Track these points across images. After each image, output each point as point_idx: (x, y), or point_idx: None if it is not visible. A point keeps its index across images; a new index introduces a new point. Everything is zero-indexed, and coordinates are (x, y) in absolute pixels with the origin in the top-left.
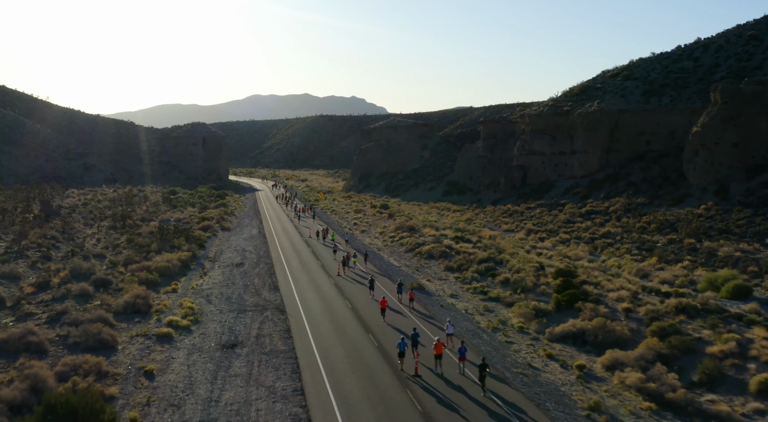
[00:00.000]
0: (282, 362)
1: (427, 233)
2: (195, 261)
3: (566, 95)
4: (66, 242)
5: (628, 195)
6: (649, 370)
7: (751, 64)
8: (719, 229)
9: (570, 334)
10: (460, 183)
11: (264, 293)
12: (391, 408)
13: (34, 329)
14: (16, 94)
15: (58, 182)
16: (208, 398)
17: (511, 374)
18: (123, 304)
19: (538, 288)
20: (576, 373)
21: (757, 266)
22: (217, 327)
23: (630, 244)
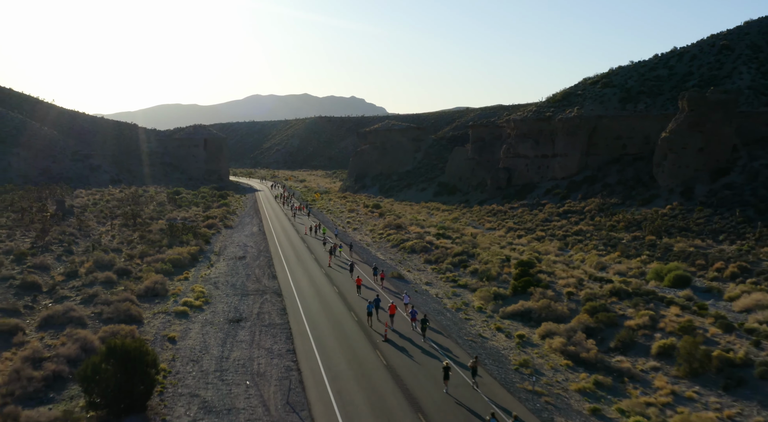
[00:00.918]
0: (278, 331)
1: (412, 230)
2: (202, 254)
3: (549, 101)
4: (83, 238)
5: (602, 196)
6: (572, 338)
7: (721, 73)
8: (680, 227)
9: (519, 313)
10: (450, 184)
11: (264, 281)
12: (358, 356)
13: (74, 307)
14: (23, 96)
15: (66, 183)
16: (219, 356)
17: (462, 341)
18: (144, 289)
19: (501, 276)
20: (516, 341)
21: (705, 260)
22: (224, 307)
23: (598, 241)
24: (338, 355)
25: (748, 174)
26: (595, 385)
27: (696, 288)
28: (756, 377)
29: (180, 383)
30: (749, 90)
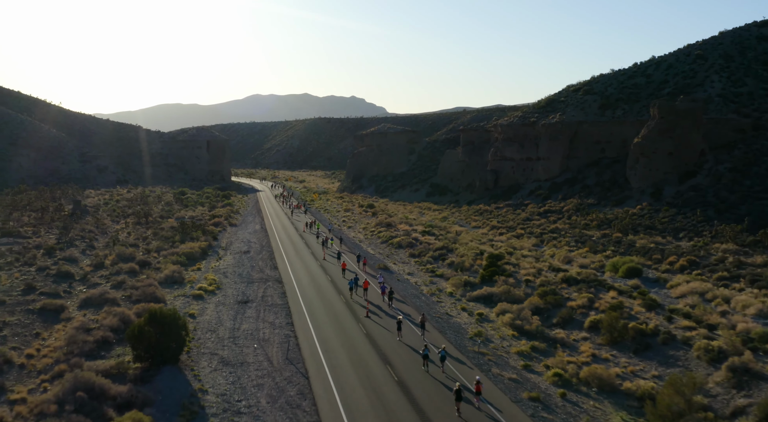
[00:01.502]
0: (279, 310)
1: (401, 228)
2: (211, 249)
3: (534, 107)
4: (101, 235)
5: (580, 196)
6: (520, 314)
7: (694, 81)
8: (646, 225)
9: (483, 296)
10: (442, 185)
11: (266, 271)
12: (344, 327)
13: (107, 291)
14: (31, 99)
15: (75, 183)
16: (232, 327)
17: (431, 317)
18: (164, 277)
19: (473, 267)
20: (476, 318)
21: (661, 254)
22: (233, 291)
23: (570, 238)
24: (327, 326)
25: (713, 177)
26: (531, 349)
27: (646, 279)
28: (659, 343)
29: (202, 346)
30: (719, 97)
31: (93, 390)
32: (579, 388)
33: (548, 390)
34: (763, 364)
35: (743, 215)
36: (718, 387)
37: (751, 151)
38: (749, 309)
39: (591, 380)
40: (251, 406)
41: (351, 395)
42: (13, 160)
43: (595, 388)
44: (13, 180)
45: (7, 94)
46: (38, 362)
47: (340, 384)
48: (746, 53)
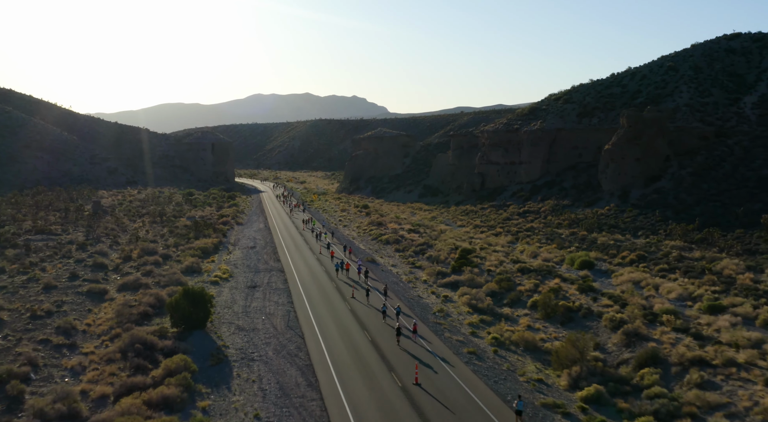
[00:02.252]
0: (281, 292)
1: (390, 227)
2: (221, 245)
3: (518, 115)
4: (122, 233)
5: (557, 198)
6: (476, 296)
7: (665, 92)
8: (610, 225)
9: (450, 283)
10: (434, 186)
11: (270, 263)
12: (333, 305)
13: (140, 277)
14: (42, 102)
15: (87, 184)
16: (244, 305)
17: (405, 299)
18: (185, 267)
19: (447, 260)
20: (441, 299)
21: (617, 250)
22: (243, 279)
23: (542, 236)
24: (320, 304)
25: (676, 180)
26: (480, 321)
27: (598, 270)
28: (580, 316)
29: (221, 318)
30: (686, 107)
31: (145, 343)
32: (509, 348)
33: (485, 348)
34: (649, 330)
35: (697, 216)
36: (613, 346)
37: (711, 157)
38: (671, 293)
39: (519, 342)
40: (261, 356)
41: (333, 346)
42: (28, 161)
43: (521, 348)
44: (29, 181)
45: (20, 98)
46: (96, 328)
47: (326, 340)
48: (714, 65)
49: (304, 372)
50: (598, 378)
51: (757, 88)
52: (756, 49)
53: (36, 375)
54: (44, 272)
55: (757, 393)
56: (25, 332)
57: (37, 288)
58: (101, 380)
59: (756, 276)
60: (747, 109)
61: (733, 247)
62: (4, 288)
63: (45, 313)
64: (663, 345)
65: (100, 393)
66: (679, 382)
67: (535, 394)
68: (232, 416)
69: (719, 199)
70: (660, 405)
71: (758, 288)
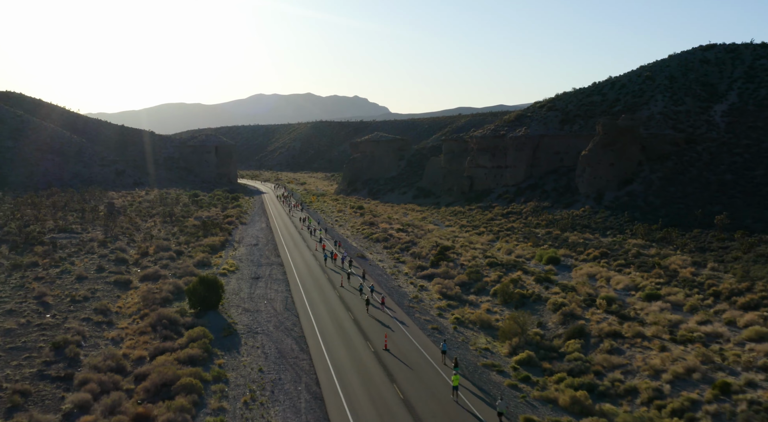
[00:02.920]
0: (281, 282)
1: (381, 226)
2: (228, 242)
3: (505, 121)
4: (136, 231)
5: (538, 199)
6: (446, 285)
7: (641, 100)
8: (583, 225)
9: (428, 275)
10: (427, 188)
11: (271, 258)
12: (324, 291)
13: (158, 269)
14: (52, 106)
15: (97, 186)
16: (249, 292)
17: (385, 288)
18: (196, 261)
19: (427, 255)
20: (418, 288)
21: (584, 247)
22: (248, 271)
23: (520, 235)
24: (314, 292)
25: (646, 184)
26: (447, 305)
27: (562, 265)
28: (531, 302)
29: (230, 302)
30: (660, 115)
31: (170, 320)
32: (467, 325)
33: (447, 326)
34: (584, 312)
35: (661, 217)
36: (552, 324)
37: (681, 162)
38: (619, 284)
39: (477, 321)
40: (263, 330)
41: (322, 323)
42: (40, 164)
43: (478, 326)
44: (42, 183)
45: (29, 101)
46: (126, 310)
47: (317, 318)
48: (688, 75)
49: (297, 341)
50: (534, 348)
51: (728, 97)
52: (729, 60)
53: (84, 343)
54: (73, 266)
55: (650, 356)
56: (69, 312)
57: (70, 279)
58: (137, 346)
59: (697, 270)
60: (717, 117)
61: (687, 245)
62: (42, 279)
63: (82, 298)
64: (590, 322)
65: (138, 355)
66: (595, 349)
67: (480, 358)
68: (242, 370)
69: (683, 202)
70: (574, 366)
71: (695, 280)
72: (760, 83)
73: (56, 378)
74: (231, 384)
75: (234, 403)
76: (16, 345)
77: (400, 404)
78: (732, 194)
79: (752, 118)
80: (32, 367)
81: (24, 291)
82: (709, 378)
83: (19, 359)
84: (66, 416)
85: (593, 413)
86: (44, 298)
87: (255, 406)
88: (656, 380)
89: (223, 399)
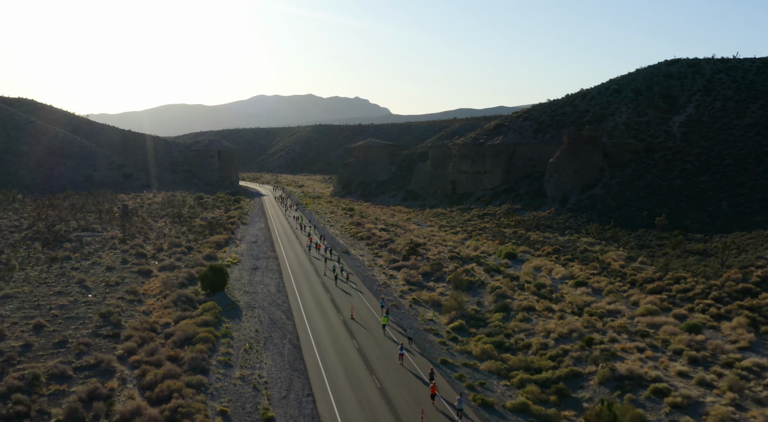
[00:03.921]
0: (275, 272)
1: (367, 226)
2: (231, 240)
3: (485, 130)
4: (149, 230)
5: (512, 202)
6: (411, 273)
7: (608, 111)
8: (546, 225)
9: (398, 266)
10: (414, 191)
11: (269, 253)
12: (311, 280)
13: (174, 261)
14: (62, 112)
15: (107, 188)
16: (249, 279)
17: (361, 276)
18: (204, 255)
19: (401, 251)
20: (387, 277)
21: (541, 244)
22: (248, 263)
23: (490, 234)
24: (302, 279)
25: (606, 188)
26: (408, 289)
27: (517, 260)
28: (476, 286)
29: (233, 286)
30: (623, 125)
31: (187, 297)
32: (421, 304)
33: (405, 304)
34: (514, 293)
35: (615, 218)
36: (487, 302)
37: (638, 169)
38: (558, 274)
39: (429, 301)
40: (260, 305)
41: (305, 300)
42: (54, 168)
43: (429, 304)
44: (56, 186)
45: (41, 107)
46: (151, 292)
47: (302, 297)
48: (652, 88)
49: (285, 313)
50: (467, 319)
51: (686, 108)
52: (690, 74)
53: (122, 314)
54: (101, 259)
55: (549, 323)
56: (106, 293)
57: (101, 269)
58: (164, 316)
59: (627, 263)
60: (675, 128)
61: (629, 243)
62: (78, 269)
63: (114, 283)
64: (515, 301)
65: (164, 322)
66: (512, 320)
67: (423, 325)
68: (243, 331)
69: (636, 205)
70: (492, 330)
71: (621, 271)
72: (716, 96)
73: (107, 336)
74: (235, 339)
75: (237, 350)
76: (70, 315)
77: (355, 351)
78: (678, 198)
79: (706, 128)
80: (87, 329)
81: (66, 278)
82: (583, 336)
83: (76, 324)
84: (120, 357)
85: (495, 359)
86: (84, 283)
87: (252, 352)
88: (546, 338)
89: (229, 347)
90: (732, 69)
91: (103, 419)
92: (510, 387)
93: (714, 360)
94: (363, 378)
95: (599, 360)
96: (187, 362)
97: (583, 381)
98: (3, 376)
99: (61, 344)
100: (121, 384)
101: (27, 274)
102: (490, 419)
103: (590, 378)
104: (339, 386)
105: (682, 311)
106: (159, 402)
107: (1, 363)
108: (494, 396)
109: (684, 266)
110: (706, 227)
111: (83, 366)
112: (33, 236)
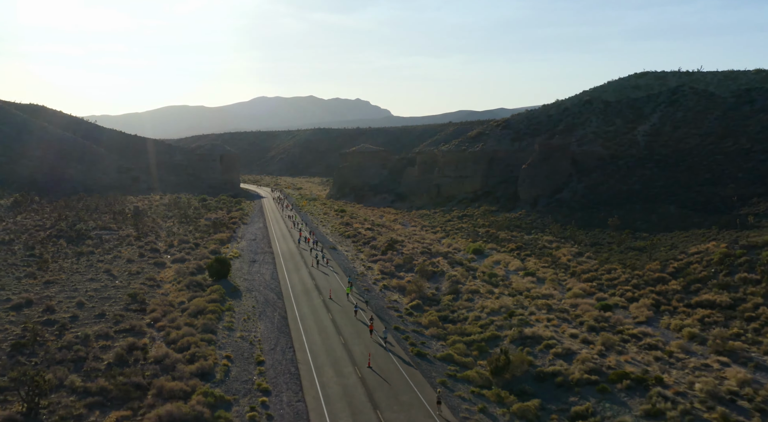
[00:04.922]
0: (270, 264)
1: (355, 226)
2: (232, 238)
3: (467, 138)
4: (159, 229)
5: (489, 205)
6: (385, 266)
7: (579, 121)
8: (515, 225)
9: (376, 260)
10: (403, 194)
11: (265, 248)
12: (300, 270)
13: (184, 255)
14: (71, 117)
15: (117, 191)
16: (248, 270)
17: (342, 268)
18: (210, 251)
19: (381, 247)
20: (366, 268)
21: (509, 242)
22: (248, 257)
23: (465, 233)
24: (292, 269)
25: (572, 192)
26: (381, 277)
27: (483, 255)
28: (438, 275)
29: (235, 275)
30: (592, 134)
31: (197, 282)
32: (390, 289)
33: (376, 289)
34: (466, 280)
35: (575, 219)
36: (444, 287)
37: (603, 175)
38: (513, 267)
39: (397, 287)
40: (256, 289)
41: (294, 286)
42: (66, 171)
43: (397, 289)
44: (68, 189)
45: (51, 113)
46: (166, 279)
47: (291, 283)
48: (621, 100)
49: (278, 295)
50: (425, 300)
51: (651, 118)
52: (657, 86)
53: (146, 295)
54: (121, 253)
55: (485, 302)
56: (130, 280)
57: (122, 261)
58: (179, 296)
59: (574, 258)
60: (639, 136)
61: (583, 241)
62: (103, 261)
63: (135, 272)
64: (465, 286)
65: (180, 300)
66: (459, 300)
67: (388, 305)
68: (242, 307)
69: (596, 207)
70: (442, 307)
71: (567, 264)
72: (678, 107)
73: (135, 310)
74: (236, 312)
75: (238, 320)
76: (103, 295)
77: (330, 322)
78: (634, 201)
79: (666, 137)
80: (119, 305)
81: (95, 269)
82: (509, 311)
83: (110, 302)
84: (147, 324)
85: (438, 327)
86: (111, 272)
87: (249, 321)
88: (481, 313)
89: (232, 318)
90: (695, 81)
91: (141, 361)
92: (445, 346)
93: (610, 330)
94: (331, 334)
95: (513, 326)
96: (200, 326)
97: (499, 341)
98: (62, 335)
99: (101, 316)
100: (151, 340)
101: (60, 265)
102: (421, 363)
103: (505, 339)
104: (313, 340)
105: (605, 295)
106: (181, 350)
107: (58, 327)
108: (430, 351)
109: (620, 260)
110: (654, 227)
111: (121, 330)
112: (57, 234)
